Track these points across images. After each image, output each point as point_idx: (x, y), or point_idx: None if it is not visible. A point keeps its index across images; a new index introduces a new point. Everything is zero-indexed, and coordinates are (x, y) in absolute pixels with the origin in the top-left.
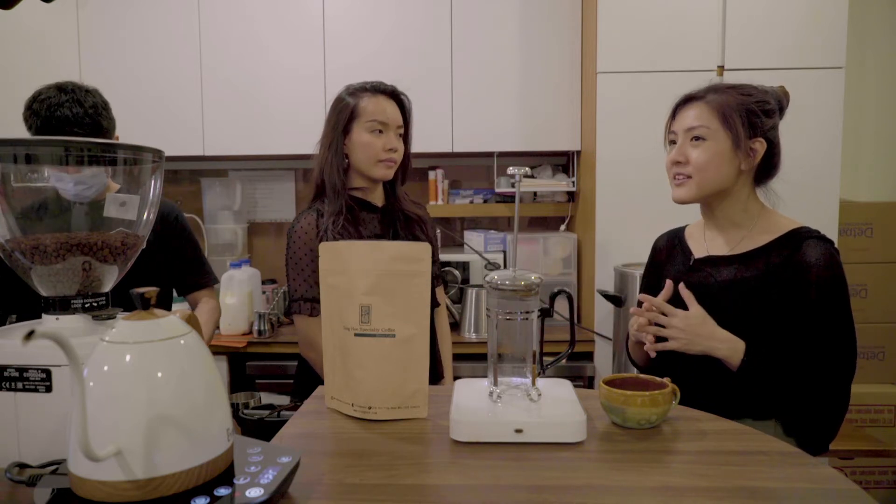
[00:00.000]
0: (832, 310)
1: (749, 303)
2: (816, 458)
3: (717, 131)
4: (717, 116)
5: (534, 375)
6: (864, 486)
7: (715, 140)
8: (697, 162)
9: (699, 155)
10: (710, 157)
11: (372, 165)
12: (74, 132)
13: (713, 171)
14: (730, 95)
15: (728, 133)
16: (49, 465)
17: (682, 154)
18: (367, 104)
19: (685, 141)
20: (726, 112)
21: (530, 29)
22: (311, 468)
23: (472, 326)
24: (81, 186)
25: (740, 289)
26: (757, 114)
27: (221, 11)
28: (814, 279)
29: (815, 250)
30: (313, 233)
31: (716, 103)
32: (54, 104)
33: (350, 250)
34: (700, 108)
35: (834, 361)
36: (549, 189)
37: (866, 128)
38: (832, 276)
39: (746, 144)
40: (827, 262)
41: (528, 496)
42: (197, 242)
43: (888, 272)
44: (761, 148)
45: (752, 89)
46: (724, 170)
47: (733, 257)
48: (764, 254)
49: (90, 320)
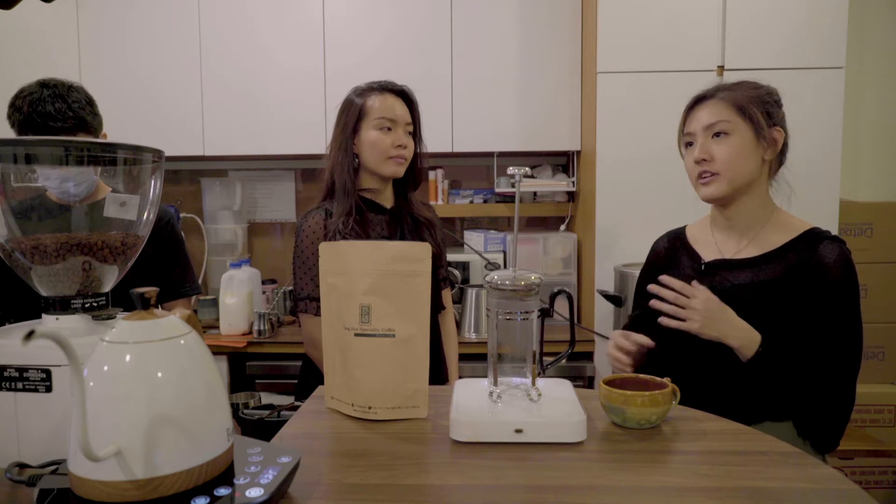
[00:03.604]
0: (847, 309)
1: (769, 305)
2: (816, 458)
3: (737, 124)
4: (735, 110)
5: (534, 375)
6: (864, 486)
7: (737, 133)
8: (723, 157)
9: (723, 150)
10: (735, 150)
11: (382, 163)
12: (57, 128)
13: (741, 164)
14: (741, 90)
15: (749, 124)
16: (49, 465)
17: (706, 152)
18: (374, 102)
19: (706, 139)
20: (743, 104)
21: (530, 29)
22: (311, 468)
23: (472, 326)
24: (70, 184)
25: (759, 291)
26: (770, 104)
27: (221, 11)
28: (833, 279)
29: (833, 251)
30: (321, 232)
31: (729, 98)
32: (36, 100)
33: (350, 250)
34: (714, 106)
35: (844, 359)
36: (549, 189)
37: (866, 128)
38: (850, 277)
39: (769, 133)
40: (844, 262)
41: (528, 496)
42: (185, 251)
43: (888, 272)
44: (780, 136)
45: (759, 83)
46: (751, 161)
47: (749, 260)
48: (781, 255)
49: (90, 320)
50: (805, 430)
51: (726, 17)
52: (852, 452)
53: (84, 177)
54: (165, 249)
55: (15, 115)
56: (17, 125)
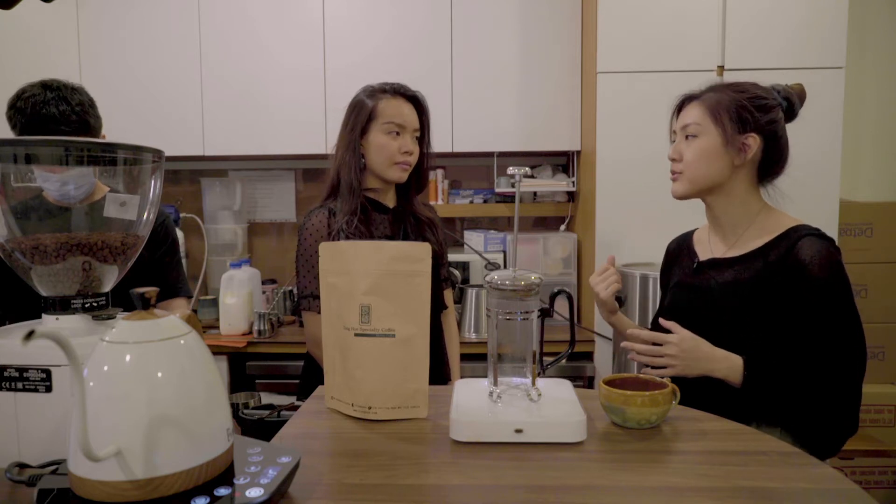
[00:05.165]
0: (833, 309)
1: (747, 304)
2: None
3: (707, 128)
4: (708, 114)
5: (534, 375)
6: (864, 486)
7: (705, 136)
8: (687, 158)
9: (689, 152)
10: (698, 152)
11: (387, 167)
12: (61, 130)
13: (702, 166)
14: (724, 93)
15: (718, 129)
16: (49, 465)
17: (676, 151)
18: (385, 106)
19: (680, 139)
20: (716, 109)
21: (530, 29)
22: (311, 468)
23: (472, 326)
24: (70, 187)
25: (739, 290)
26: (748, 109)
27: (221, 11)
28: (809, 278)
29: (811, 248)
30: (324, 230)
31: (710, 101)
32: (40, 102)
33: (351, 250)
34: (696, 107)
35: (840, 361)
36: (549, 189)
37: (866, 128)
38: (830, 275)
39: (737, 140)
40: (823, 259)
41: (528, 496)
42: (178, 254)
43: (888, 272)
44: (755, 143)
45: (749, 86)
46: (715, 165)
47: (733, 259)
48: (761, 254)
49: (90, 320)
50: (804, 438)
51: (726, 17)
52: (852, 452)
53: (84, 179)
54: (161, 249)
55: (16, 116)
56: (18, 127)
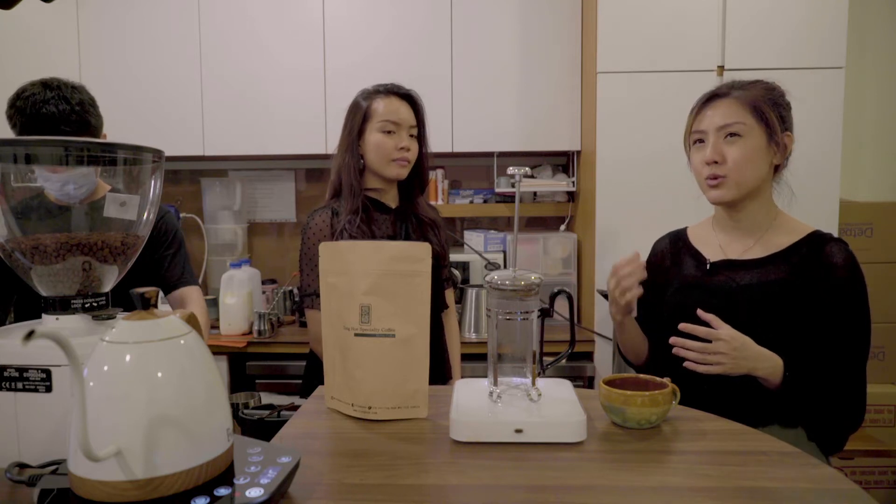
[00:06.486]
0: (857, 309)
1: (774, 306)
2: (819, 457)
3: (752, 127)
4: (750, 111)
5: (534, 375)
6: (864, 486)
7: (751, 136)
8: (735, 160)
9: (736, 152)
10: (748, 153)
11: (385, 165)
12: (61, 129)
13: (752, 168)
14: (756, 90)
15: (763, 127)
16: (49, 465)
17: (718, 153)
18: (378, 105)
19: (718, 139)
20: (759, 106)
21: (530, 29)
22: (311, 468)
23: (472, 326)
24: (70, 187)
25: (765, 292)
26: (784, 107)
27: (221, 11)
28: (841, 279)
29: (840, 251)
30: (327, 230)
31: (745, 98)
32: (40, 101)
33: (351, 250)
34: (729, 105)
35: (854, 359)
36: (549, 189)
37: (866, 128)
38: (859, 277)
39: (781, 138)
40: (852, 262)
41: (528, 496)
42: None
43: (888, 272)
44: (790, 142)
45: (771, 83)
46: (761, 166)
47: (755, 261)
48: (786, 256)
49: (90, 320)
50: (815, 432)
51: (726, 17)
52: (852, 452)
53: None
54: (163, 244)
55: (16, 116)
56: (18, 126)
